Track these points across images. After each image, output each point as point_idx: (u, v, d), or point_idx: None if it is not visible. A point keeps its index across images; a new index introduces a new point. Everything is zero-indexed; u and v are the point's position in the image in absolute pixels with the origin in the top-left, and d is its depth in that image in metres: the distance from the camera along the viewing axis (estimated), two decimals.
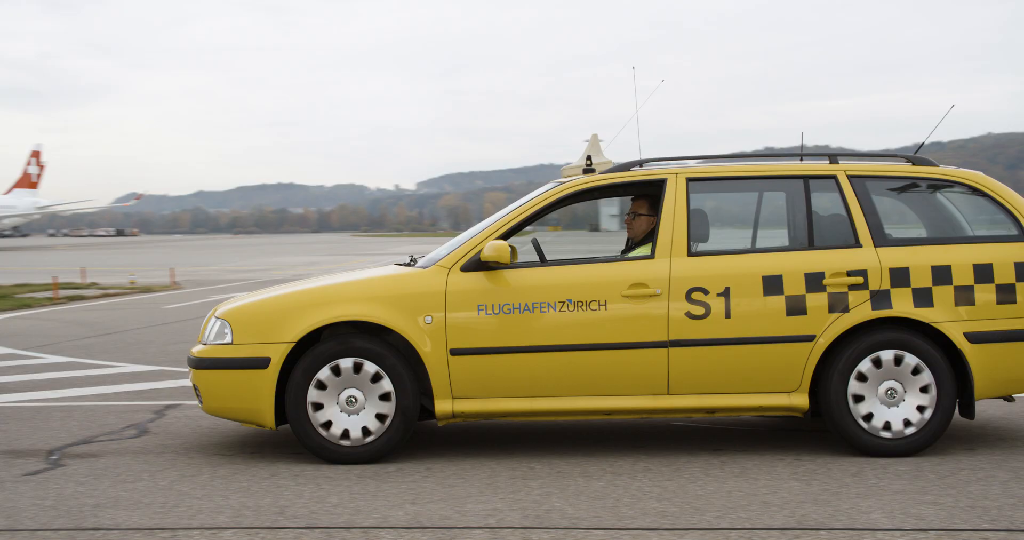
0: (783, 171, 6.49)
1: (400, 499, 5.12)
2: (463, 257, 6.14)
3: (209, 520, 4.75)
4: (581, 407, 6.08)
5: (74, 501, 5.11)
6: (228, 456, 6.15)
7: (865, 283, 6.06)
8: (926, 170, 6.44)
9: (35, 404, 8.08)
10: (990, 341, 6.07)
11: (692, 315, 6.00)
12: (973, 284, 6.08)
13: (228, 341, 6.08)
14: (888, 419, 6.01)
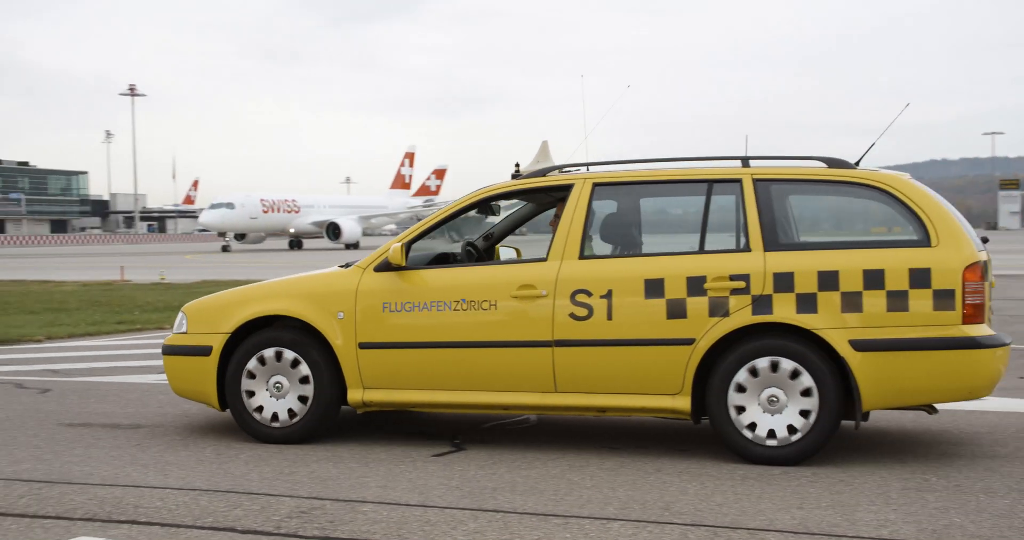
0: (689, 175, 6.45)
1: (786, 503, 5.04)
2: (377, 258, 6.57)
3: (598, 510, 4.94)
4: (477, 401, 6.37)
5: (476, 483, 5.50)
6: (615, 449, 6.35)
7: (747, 288, 5.92)
8: (841, 173, 6.17)
9: None
10: (878, 349, 5.77)
11: (575, 316, 6.12)
12: (862, 290, 5.81)
13: (184, 331, 6.90)
14: (771, 426, 5.85)
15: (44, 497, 5.18)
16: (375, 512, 4.91)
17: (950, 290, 5.75)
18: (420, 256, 6.93)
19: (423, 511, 4.93)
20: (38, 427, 7.15)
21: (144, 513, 4.88)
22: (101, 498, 5.16)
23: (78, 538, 4.47)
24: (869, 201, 6.25)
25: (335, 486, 5.43)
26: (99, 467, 5.88)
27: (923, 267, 5.79)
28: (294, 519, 4.78)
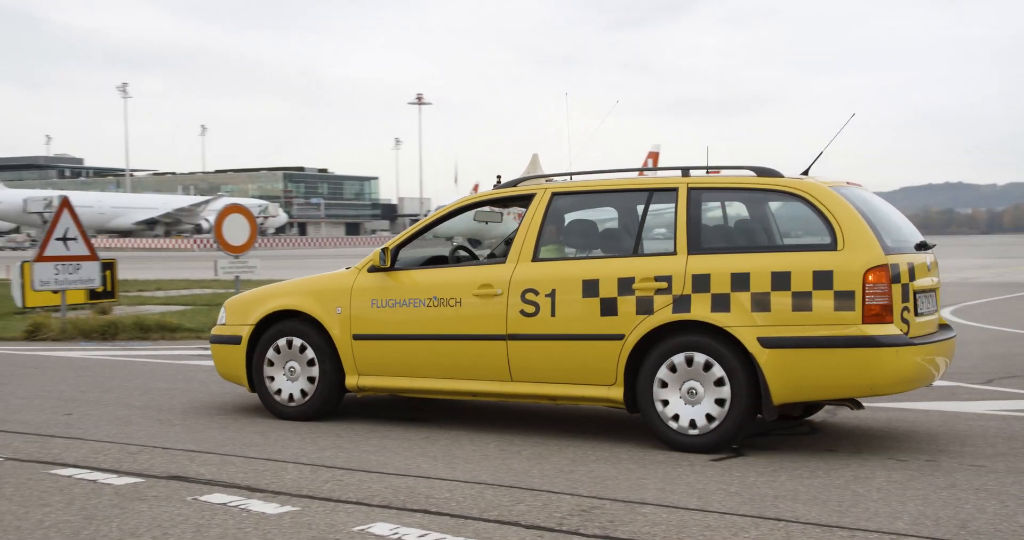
0: (634, 185, 7.13)
1: None
2: (370, 261, 7.41)
3: (887, 524, 4.74)
4: (449, 388, 7.15)
5: (756, 490, 5.42)
6: (902, 461, 6.07)
7: (669, 288, 6.42)
8: (765, 181, 6.59)
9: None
10: (784, 346, 6.14)
11: (525, 313, 6.78)
12: (770, 291, 6.19)
13: (223, 322, 7.99)
14: (692, 416, 6.34)
15: (345, 483, 5.57)
16: (655, 514, 4.94)
17: (850, 291, 6.08)
18: (415, 258, 7.72)
19: (703, 516, 4.92)
20: (339, 417, 7.68)
21: (435, 503, 5.15)
22: (396, 487, 5.49)
23: (377, 523, 4.77)
24: (792, 207, 6.63)
25: (614, 486, 5.51)
26: (393, 457, 6.25)
27: (826, 270, 6.15)
28: (575, 517, 4.89)
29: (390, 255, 7.33)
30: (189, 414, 7.80)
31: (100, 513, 4.93)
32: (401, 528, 4.69)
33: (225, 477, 5.68)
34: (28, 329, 13.72)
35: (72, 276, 13.70)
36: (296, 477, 5.69)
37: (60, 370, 10.39)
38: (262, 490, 5.39)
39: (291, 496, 5.27)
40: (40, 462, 6.06)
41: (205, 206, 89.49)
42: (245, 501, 5.15)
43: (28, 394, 8.73)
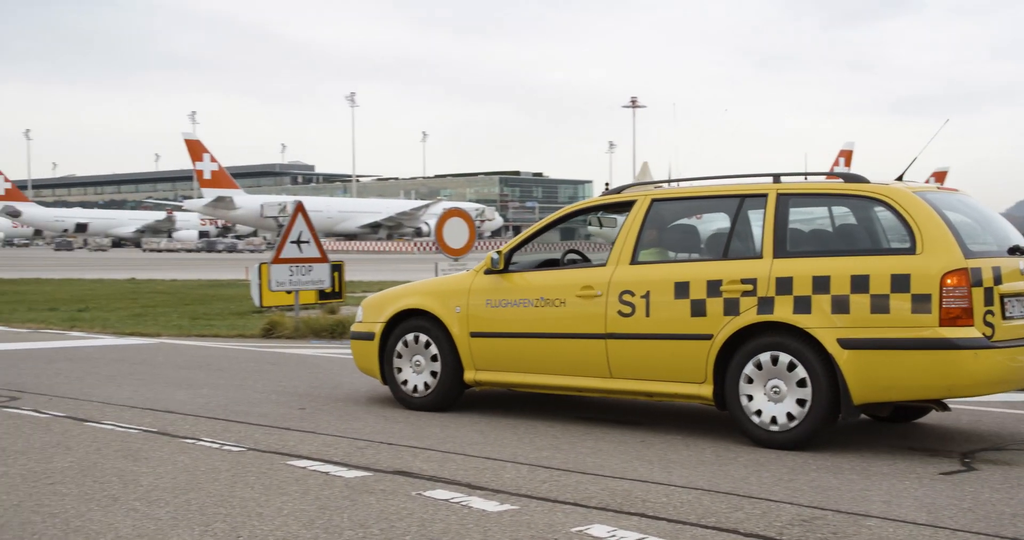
0: (727, 191, 7.29)
1: None
2: (486, 264, 7.90)
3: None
4: (555, 383, 7.61)
5: (991, 506, 5.14)
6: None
7: (754, 290, 6.67)
8: (852, 187, 6.79)
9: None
10: (862, 348, 6.29)
11: (622, 313, 7.15)
12: (849, 293, 6.36)
13: (360, 320, 8.62)
14: (774, 413, 6.55)
15: (563, 484, 5.65)
16: (880, 528, 4.77)
17: (927, 294, 6.19)
18: (530, 261, 8.17)
19: (933, 531, 4.71)
20: (554, 417, 7.80)
21: (651, 507, 5.15)
22: (612, 489, 5.53)
23: (594, 525, 4.83)
24: (877, 212, 6.85)
25: (836, 497, 5.35)
26: (609, 460, 6.29)
27: (904, 273, 6.28)
28: (796, 527, 4.79)
29: (503, 258, 7.83)
30: (412, 412, 8.10)
31: (332, 504, 5.20)
32: (619, 531, 4.72)
33: (447, 474, 5.87)
34: (265, 327, 14.58)
35: (305, 277, 14.47)
36: (514, 476, 5.83)
37: (294, 366, 11.00)
38: (482, 488, 5.54)
39: (510, 495, 5.39)
40: (278, 453, 6.44)
41: (425, 210, 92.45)
42: (466, 498, 5.31)
43: (266, 389, 9.29)
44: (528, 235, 8.07)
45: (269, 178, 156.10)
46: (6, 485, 5.59)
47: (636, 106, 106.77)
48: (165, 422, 7.51)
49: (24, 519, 4.92)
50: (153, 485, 5.58)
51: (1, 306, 19.84)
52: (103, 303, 20.49)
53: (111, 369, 10.64)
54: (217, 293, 23.58)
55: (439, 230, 14.76)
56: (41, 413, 7.89)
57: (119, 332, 14.96)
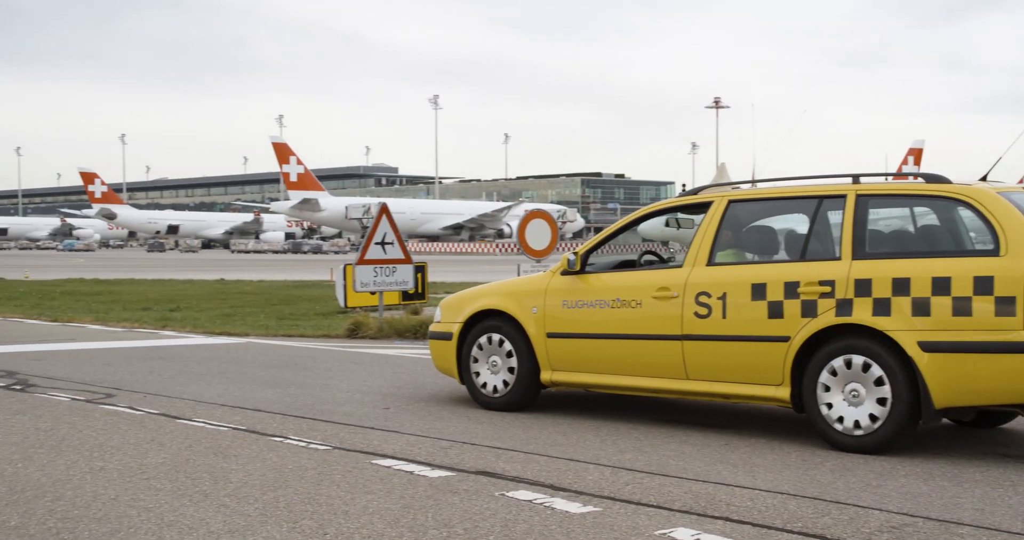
0: (805, 192, 7.20)
1: None
2: (563, 265, 7.93)
3: None
4: (631, 384, 7.60)
5: None
6: None
7: (832, 292, 6.58)
8: (933, 187, 6.65)
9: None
10: (943, 351, 6.17)
11: (698, 314, 7.11)
12: (930, 296, 6.24)
13: (438, 320, 8.70)
14: (855, 417, 6.45)
15: (646, 486, 5.63)
16: (973, 536, 4.67)
17: (1011, 297, 6.04)
18: (606, 262, 8.20)
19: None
20: (637, 420, 7.77)
21: (736, 511, 5.11)
22: (696, 492, 5.49)
23: (678, 528, 4.80)
24: (960, 213, 6.78)
25: (927, 504, 5.24)
26: (692, 463, 6.25)
27: (987, 275, 6.13)
28: (885, 533, 4.71)
29: (580, 259, 7.86)
30: (495, 412, 8.14)
31: (417, 503, 5.26)
32: (703, 535, 4.69)
33: (530, 475, 5.90)
34: (350, 327, 14.78)
35: (389, 278, 14.64)
36: (597, 478, 5.82)
37: (378, 366, 11.14)
38: (565, 489, 5.55)
39: (592, 496, 5.39)
40: (363, 452, 6.53)
41: (507, 211, 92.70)
42: (549, 499, 5.33)
43: (351, 388, 9.42)
44: (604, 236, 8.10)
45: (353, 180, 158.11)
46: (104, 479, 5.76)
47: (719, 106, 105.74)
48: (254, 420, 7.67)
49: (121, 513, 5.07)
50: (242, 482, 5.70)
51: (97, 306, 20.44)
52: (193, 303, 20.97)
53: (201, 368, 10.90)
54: (303, 294, 23.97)
55: (521, 232, 14.80)
56: (136, 410, 8.12)
57: (209, 331, 15.30)
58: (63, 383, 9.61)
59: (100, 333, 15.21)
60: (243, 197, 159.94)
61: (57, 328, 16.04)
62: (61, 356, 11.93)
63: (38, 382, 9.67)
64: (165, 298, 22.63)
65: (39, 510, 5.11)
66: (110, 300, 22.14)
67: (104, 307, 20.04)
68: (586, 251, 7.95)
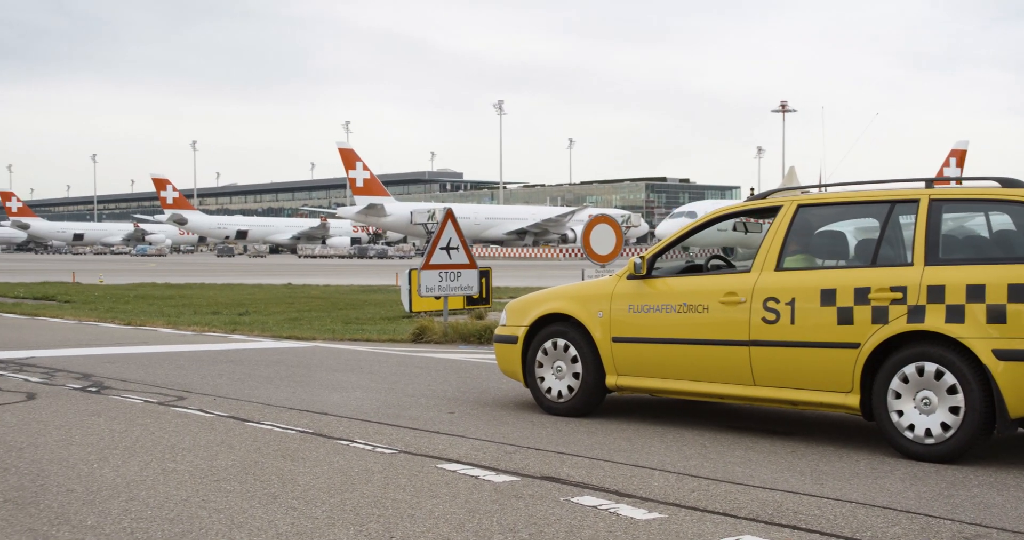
0: (877, 196, 7.12)
1: None
2: (629, 269, 7.91)
3: None
4: (697, 390, 7.51)
5: None
6: None
7: (904, 298, 6.47)
8: (1009, 192, 6.55)
9: None
10: (1020, 359, 6.04)
11: (766, 320, 7.05)
12: (1006, 303, 6.13)
13: (503, 323, 8.73)
14: (927, 425, 6.33)
15: (712, 493, 5.60)
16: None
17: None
18: (672, 266, 8.18)
19: None
20: (701, 426, 7.72)
21: (803, 520, 5.05)
22: (763, 500, 5.44)
23: (745, 536, 4.76)
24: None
25: (1000, 514, 5.14)
26: (759, 470, 6.19)
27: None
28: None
29: (646, 263, 7.85)
30: (559, 417, 8.14)
31: (482, 508, 5.28)
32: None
33: (595, 480, 5.89)
34: (415, 332, 14.88)
35: (453, 283, 14.72)
36: (663, 484, 5.80)
37: (442, 371, 11.20)
38: (630, 495, 5.54)
39: (658, 503, 5.37)
40: (428, 456, 6.57)
41: (571, 216, 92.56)
42: (614, 505, 5.32)
43: (415, 392, 9.48)
44: (671, 240, 8.05)
45: (419, 186, 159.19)
46: (175, 481, 5.88)
47: (786, 110, 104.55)
48: (320, 424, 7.76)
49: (192, 513, 5.16)
50: (310, 484, 5.78)
51: (169, 310, 20.83)
52: (261, 307, 21.27)
53: (269, 371, 11.05)
54: (368, 298, 24.18)
55: (586, 236, 14.78)
56: (206, 412, 8.26)
57: (276, 335, 15.51)
58: (136, 386, 9.81)
59: (171, 337, 15.50)
60: (310, 202, 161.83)
61: (130, 331, 16.37)
62: (134, 359, 12.18)
63: (112, 384, 9.89)
64: (234, 302, 22.98)
65: (114, 510, 5.23)
66: (181, 304, 22.54)
67: (175, 311, 20.42)
68: (653, 255, 7.94)
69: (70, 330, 16.55)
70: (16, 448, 6.77)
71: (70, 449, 6.75)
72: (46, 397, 9.06)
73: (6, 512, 5.17)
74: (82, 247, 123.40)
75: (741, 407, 8.62)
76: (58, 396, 9.13)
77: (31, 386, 9.77)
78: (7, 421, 7.80)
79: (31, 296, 25.76)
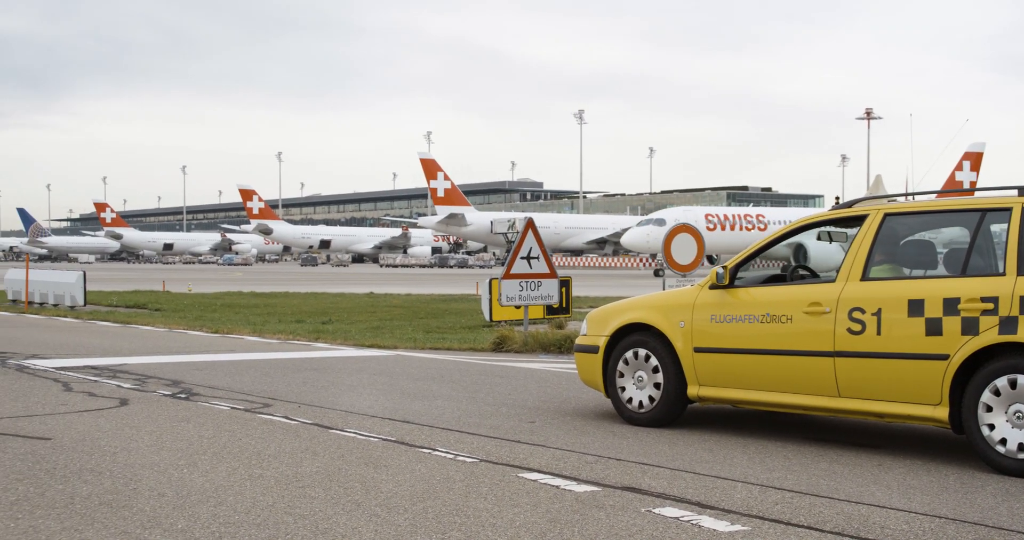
0: (966, 205, 7.03)
1: None
2: (711, 279, 7.84)
3: None
4: (780, 401, 7.43)
5: None
6: None
7: (995, 309, 6.36)
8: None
9: None
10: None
11: (852, 331, 6.93)
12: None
13: (584, 333, 8.75)
14: (1019, 440, 6.19)
15: (796, 506, 5.52)
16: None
17: None
18: (755, 276, 8.08)
19: None
20: (786, 438, 7.62)
21: (891, 534, 4.96)
22: (848, 514, 5.35)
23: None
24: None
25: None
26: (844, 483, 6.09)
27: None
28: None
29: (728, 273, 7.80)
30: (640, 427, 8.11)
31: (563, 517, 5.29)
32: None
33: (676, 491, 5.86)
34: (495, 341, 14.94)
35: (534, 292, 14.75)
36: (745, 496, 5.74)
37: (523, 380, 11.22)
38: (713, 507, 5.49)
39: (741, 515, 5.32)
40: (509, 465, 6.60)
41: None
42: (696, 517, 5.28)
43: (496, 401, 9.53)
44: (754, 250, 7.99)
45: (499, 195, 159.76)
46: (262, 486, 5.99)
47: (871, 118, 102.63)
48: (403, 431, 7.84)
49: (278, 519, 5.26)
50: (392, 492, 5.84)
51: (254, 318, 21.22)
52: (344, 316, 21.56)
53: (352, 379, 11.20)
54: (449, 307, 24.35)
55: (667, 246, 14.70)
56: (291, 420, 8.40)
57: (359, 344, 15.70)
58: (223, 392, 10.02)
59: (257, 344, 15.79)
60: (392, 212, 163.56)
61: (217, 339, 16.73)
62: (221, 366, 12.44)
63: (201, 391, 10.12)
64: (317, 311, 23.32)
65: (203, 514, 5.35)
66: (266, 313, 22.95)
67: (260, 319, 20.80)
68: (735, 265, 7.89)
69: (160, 338, 16.97)
70: (110, 452, 6.97)
71: (161, 454, 6.92)
72: (138, 403, 9.30)
73: (101, 514, 5.33)
74: (172, 256, 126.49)
75: (825, 419, 8.49)
76: (149, 402, 9.37)
77: (124, 392, 10.04)
78: (102, 426, 8.04)
79: (124, 304, 26.46)
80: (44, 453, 6.92)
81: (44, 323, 20.47)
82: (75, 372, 11.69)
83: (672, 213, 56.00)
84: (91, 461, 6.67)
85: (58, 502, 5.58)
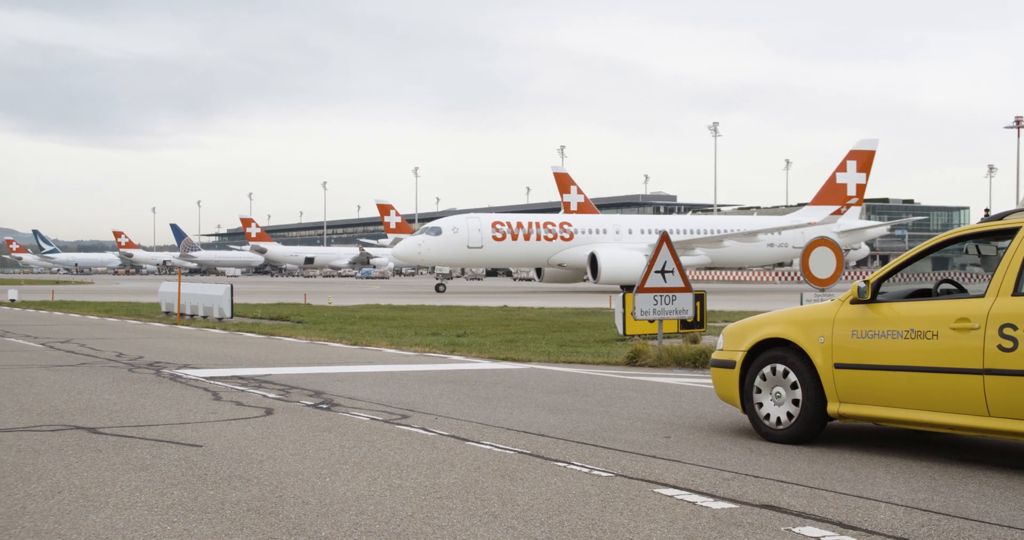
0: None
1: None
2: (852, 293, 7.69)
3: None
4: (925, 419, 7.19)
5: None
6: None
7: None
8: None
9: None
10: None
11: (1003, 348, 6.74)
12: None
13: (721, 348, 8.70)
14: None
15: (943, 529, 5.35)
16: None
17: None
18: (899, 291, 7.85)
19: None
20: (932, 457, 7.38)
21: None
22: (1000, 539, 5.15)
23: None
24: None
25: None
26: (995, 506, 5.87)
27: None
28: None
29: (871, 288, 7.65)
30: (778, 444, 7.97)
31: (700, 535, 5.25)
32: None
33: (816, 510, 5.74)
34: (629, 355, 14.89)
35: (668, 306, 14.66)
36: (889, 517, 5.59)
37: (657, 394, 11.16)
38: (855, 527, 5.37)
39: (885, 536, 5.18)
40: (644, 480, 6.58)
41: None
42: (838, 537, 5.17)
43: (630, 416, 9.50)
44: (897, 264, 7.80)
45: (632, 208, 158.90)
46: (401, 497, 6.13)
47: (1020, 126, 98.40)
48: (538, 445, 7.89)
49: (417, 529, 5.37)
50: (528, 505, 5.89)
51: (392, 330, 21.66)
52: (479, 329, 21.79)
53: (487, 392, 11.32)
54: (582, 321, 24.36)
55: (805, 260, 14.41)
56: (428, 431, 8.56)
57: (494, 357, 15.86)
58: (363, 403, 10.27)
59: (394, 356, 16.11)
60: None
61: (356, 351, 17.14)
62: (361, 378, 12.74)
63: (341, 402, 10.39)
64: (453, 324, 23.64)
65: (345, 523, 5.50)
66: (403, 325, 23.39)
67: (398, 332, 21.20)
68: (877, 279, 7.72)
69: (303, 349, 17.48)
70: (257, 460, 7.23)
71: (304, 462, 7.14)
72: (282, 412, 9.62)
73: (250, 520, 5.54)
74: (312, 270, 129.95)
75: (973, 439, 8.19)
76: (293, 412, 9.67)
77: (269, 402, 10.39)
78: (249, 435, 8.34)
79: (268, 316, 27.35)
80: (196, 460, 7.23)
81: (194, 334, 21.33)
82: (224, 382, 12.15)
83: (451, 221, 50.28)
84: (239, 468, 6.93)
85: (209, 507, 5.83)
